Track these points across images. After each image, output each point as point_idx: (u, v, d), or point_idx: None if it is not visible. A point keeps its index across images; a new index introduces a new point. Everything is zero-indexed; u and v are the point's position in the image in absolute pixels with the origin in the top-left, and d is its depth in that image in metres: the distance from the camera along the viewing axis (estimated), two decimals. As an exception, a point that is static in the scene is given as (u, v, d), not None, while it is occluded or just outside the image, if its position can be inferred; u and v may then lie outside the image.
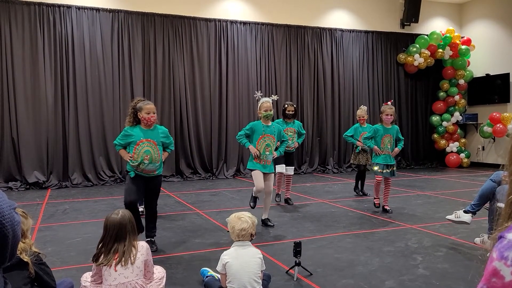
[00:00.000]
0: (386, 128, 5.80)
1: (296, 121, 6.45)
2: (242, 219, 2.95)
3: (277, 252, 4.12)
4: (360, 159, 7.05)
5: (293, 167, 6.61)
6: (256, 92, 5.54)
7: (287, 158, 6.34)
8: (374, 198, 6.04)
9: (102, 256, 2.67)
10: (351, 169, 10.87)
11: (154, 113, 4.17)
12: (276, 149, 5.06)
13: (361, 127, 7.11)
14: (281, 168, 6.28)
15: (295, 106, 6.46)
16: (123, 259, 2.64)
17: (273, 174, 5.06)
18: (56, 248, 4.30)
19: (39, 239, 4.55)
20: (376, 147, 5.79)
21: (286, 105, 6.45)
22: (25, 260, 2.40)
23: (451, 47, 11.20)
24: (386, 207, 5.94)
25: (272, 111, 5.01)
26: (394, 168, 5.83)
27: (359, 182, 7.28)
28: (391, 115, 5.76)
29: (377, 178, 5.89)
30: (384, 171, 5.74)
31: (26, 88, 8.26)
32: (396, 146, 5.86)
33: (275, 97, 5.54)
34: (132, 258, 2.66)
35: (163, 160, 4.27)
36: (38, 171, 8.33)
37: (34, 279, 2.49)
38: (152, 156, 4.06)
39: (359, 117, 7.20)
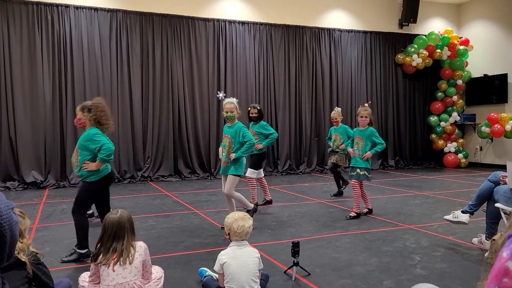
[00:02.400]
0: (359, 130, 5.68)
1: (261, 122, 6.24)
2: (246, 217, 2.98)
3: (275, 252, 4.12)
4: (331, 159, 7.11)
5: (255, 170, 6.17)
6: (218, 92, 5.34)
7: (252, 161, 6.21)
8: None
9: (101, 256, 2.67)
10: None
11: (79, 114, 4.04)
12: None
13: (334, 128, 7.17)
14: (249, 172, 6.13)
15: (258, 108, 6.27)
16: (121, 258, 2.64)
17: (231, 176, 4.85)
18: (54, 248, 4.30)
19: (37, 239, 4.54)
20: (349, 149, 5.79)
21: (249, 108, 6.34)
22: (23, 260, 2.39)
23: (449, 48, 11.22)
24: (351, 213, 5.60)
25: (233, 113, 4.87)
26: (364, 172, 5.48)
27: (338, 181, 7.26)
28: (365, 117, 5.59)
29: (351, 183, 5.69)
30: (350, 173, 5.60)
31: (24, 88, 8.24)
32: (370, 150, 5.56)
33: (221, 94, 5.17)
34: (130, 258, 2.65)
35: (95, 168, 3.85)
36: (36, 171, 8.31)
37: (31, 279, 2.49)
38: (72, 161, 4.02)
39: (332, 119, 7.25)
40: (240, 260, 2.88)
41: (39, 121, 8.31)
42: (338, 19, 10.93)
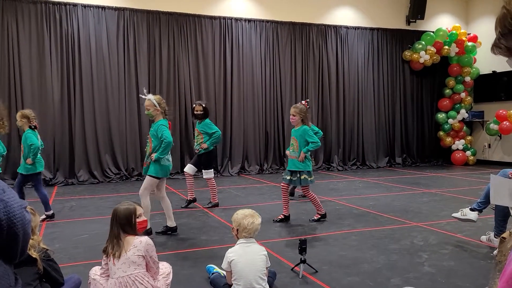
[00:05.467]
0: (294, 130, 5.19)
1: (205, 120, 6.04)
2: (255, 214, 2.99)
3: (282, 249, 4.14)
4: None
5: (210, 170, 6.03)
6: (144, 89, 5.04)
7: (196, 160, 6.13)
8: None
9: (108, 247, 2.72)
10: (356, 166, 10.87)
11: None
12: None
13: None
14: (187, 168, 6.15)
15: (203, 105, 6.07)
16: (116, 253, 2.67)
17: (148, 177, 4.53)
18: (63, 244, 4.34)
19: (46, 236, 4.59)
20: (287, 151, 5.30)
21: (194, 105, 6.19)
22: (34, 256, 2.43)
23: (457, 44, 11.13)
24: (279, 217, 5.28)
25: (150, 110, 4.57)
26: (301, 176, 5.02)
27: None
28: (292, 115, 5.09)
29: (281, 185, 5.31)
30: (285, 176, 5.17)
31: (33, 86, 8.31)
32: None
33: (145, 91, 4.86)
34: (125, 252, 2.66)
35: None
36: (45, 169, 8.36)
37: (42, 275, 2.53)
38: None
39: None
40: (247, 257, 2.89)
41: (47, 119, 8.38)
42: (344, 16, 10.88)
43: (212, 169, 6.15)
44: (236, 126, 9.83)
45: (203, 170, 6.10)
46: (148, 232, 4.39)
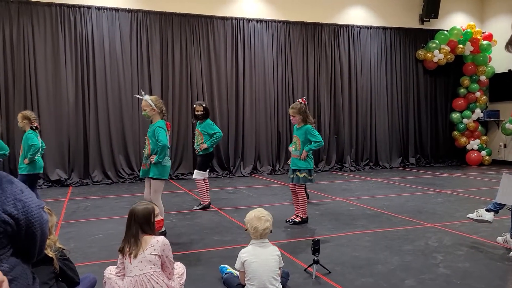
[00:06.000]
0: (296, 128, 5.16)
1: (206, 121, 6.01)
2: (263, 218, 2.94)
3: (295, 250, 4.13)
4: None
5: (202, 172, 5.96)
6: (141, 91, 5.02)
7: (198, 162, 6.06)
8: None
9: (125, 246, 2.74)
10: (369, 166, 10.80)
11: None
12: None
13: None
14: (195, 174, 5.97)
15: (204, 105, 6.04)
16: (133, 251, 2.69)
17: (151, 179, 4.45)
18: (79, 244, 4.40)
19: (62, 236, 4.65)
20: (289, 147, 5.30)
21: (194, 105, 6.14)
22: (50, 255, 2.46)
23: (472, 43, 10.98)
24: (293, 217, 5.22)
25: (146, 111, 4.50)
26: (304, 175, 4.97)
27: None
28: (292, 116, 5.07)
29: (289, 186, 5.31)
30: (290, 176, 5.14)
31: (48, 88, 8.44)
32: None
33: (142, 93, 4.76)
34: (142, 251, 2.68)
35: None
36: (60, 169, 8.51)
37: (58, 274, 2.56)
38: None
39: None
40: (261, 258, 2.90)
41: (62, 120, 8.50)
42: (357, 16, 10.82)
43: (205, 172, 6.05)
44: (248, 126, 9.84)
45: (195, 170, 6.05)
46: (163, 233, 4.43)
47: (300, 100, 5.18)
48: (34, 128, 5.44)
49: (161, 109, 4.57)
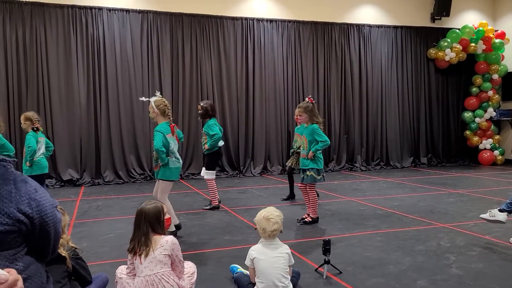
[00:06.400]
0: (303, 128, 5.14)
1: (209, 121, 5.96)
2: (272, 220, 2.92)
3: (306, 250, 4.12)
4: (289, 161, 6.34)
5: (211, 171, 5.96)
6: (143, 97, 5.08)
7: (206, 162, 6.05)
8: None
9: (136, 246, 2.75)
10: (380, 166, 10.73)
11: None
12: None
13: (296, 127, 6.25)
14: (204, 174, 5.98)
15: (202, 104, 6.03)
16: (143, 251, 2.70)
17: (160, 180, 4.52)
18: (91, 243, 4.44)
19: (74, 235, 4.70)
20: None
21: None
22: (63, 254, 2.49)
23: (484, 41, 10.85)
24: (304, 217, 5.22)
25: (150, 112, 4.58)
26: (311, 173, 4.98)
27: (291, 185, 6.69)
28: (299, 115, 5.06)
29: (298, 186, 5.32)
30: (301, 175, 5.16)
31: (60, 89, 8.53)
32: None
33: (143, 99, 4.94)
34: (150, 251, 2.69)
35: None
36: (72, 169, 8.60)
37: (71, 273, 2.59)
38: None
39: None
40: (269, 256, 2.90)
41: (74, 121, 8.59)
42: (367, 15, 10.76)
43: (214, 171, 6.07)
44: (258, 126, 9.84)
45: (203, 170, 6.07)
46: (174, 232, 4.45)
47: (307, 99, 5.16)
48: (35, 129, 5.39)
49: (164, 110, 4.55)
